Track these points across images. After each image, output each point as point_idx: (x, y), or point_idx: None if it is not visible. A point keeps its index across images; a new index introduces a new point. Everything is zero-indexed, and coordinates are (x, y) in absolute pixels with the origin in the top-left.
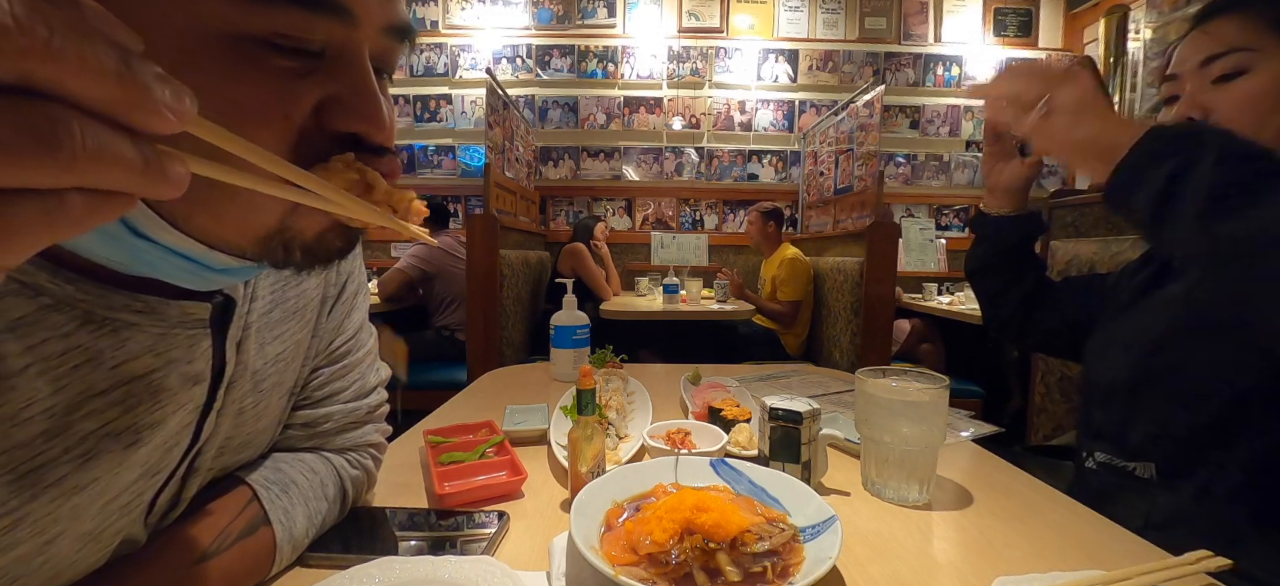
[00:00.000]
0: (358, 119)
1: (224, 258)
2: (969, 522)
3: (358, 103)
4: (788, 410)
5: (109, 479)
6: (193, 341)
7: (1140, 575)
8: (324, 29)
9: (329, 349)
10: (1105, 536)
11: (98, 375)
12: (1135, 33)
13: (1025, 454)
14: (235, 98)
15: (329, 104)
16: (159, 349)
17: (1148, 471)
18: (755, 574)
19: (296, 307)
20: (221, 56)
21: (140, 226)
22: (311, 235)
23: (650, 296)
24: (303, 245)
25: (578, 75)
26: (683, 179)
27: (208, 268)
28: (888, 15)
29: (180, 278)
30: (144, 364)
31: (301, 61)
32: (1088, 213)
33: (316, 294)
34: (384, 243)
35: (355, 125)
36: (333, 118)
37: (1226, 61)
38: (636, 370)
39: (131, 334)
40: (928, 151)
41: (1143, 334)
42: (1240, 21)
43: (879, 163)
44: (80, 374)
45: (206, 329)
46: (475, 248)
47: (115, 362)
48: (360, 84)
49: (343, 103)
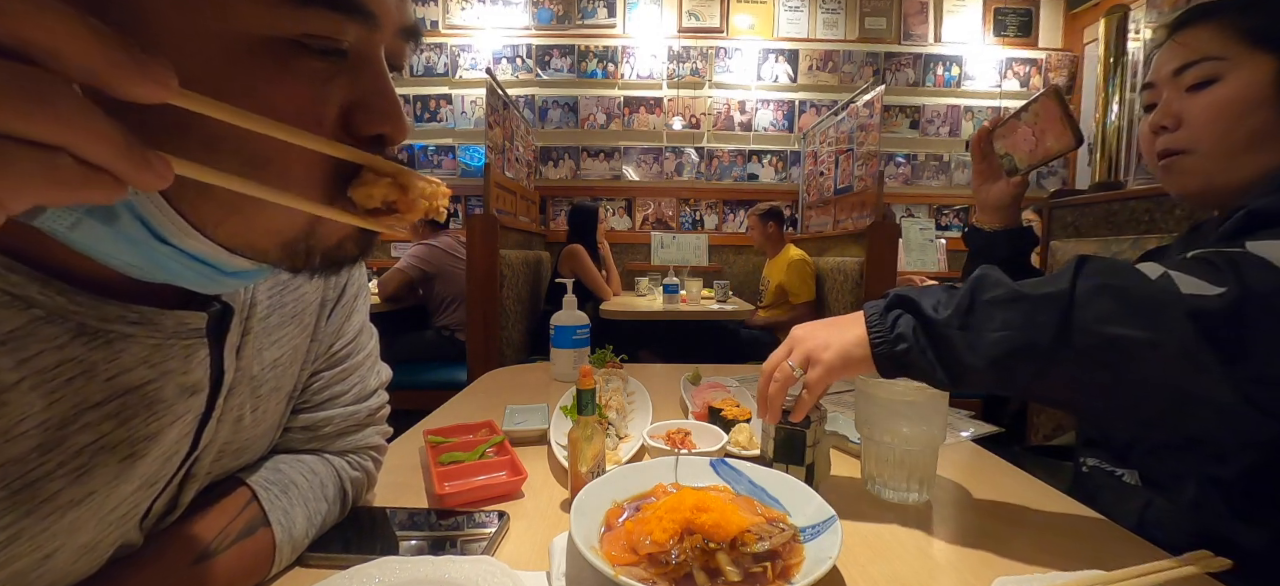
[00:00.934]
0: (384, 120)
1: (241, 261)
2: (969, 522)
3: (382, 105)
4: (791, 412)
5: (106, 492)
6: (189, 351)
7: (1140, 575)
8: (351, 31)
9: (329, 352)
10: (1105, 536)
11: (92, 388)
12: (1135, 33)
13: (1025, 454)
14: (271, 100)
15: (354, 108)
16: (154, 360)
17: (1133, 477)
18: (755, 574)
19: (295, 311)
20: (255, 59)
21: (164, 232)
22: (334, 241)
23: (650, 296)
24: (324, 250)
25: (578, 75)
26: (683, 179)
27: (220, 271)
28: (888, 15)
29: (191, 281)
30: (139, 375)
31: (328, 63)
32: (1087, 213)
33: (315, 298)
34: (384, 242)
35: (382, 127)
36: (358, 121)
37: (1198, 70)
38: (636, 370)
39: (126, 345)
40: (928, 151)
41: None
42: (1211, 31)
43: (879, 163)
44: (74, 387)
45: (203, 338)
46: (475, 248)
47: (110, 375)
48: (381, 85)
49: (367, 106)
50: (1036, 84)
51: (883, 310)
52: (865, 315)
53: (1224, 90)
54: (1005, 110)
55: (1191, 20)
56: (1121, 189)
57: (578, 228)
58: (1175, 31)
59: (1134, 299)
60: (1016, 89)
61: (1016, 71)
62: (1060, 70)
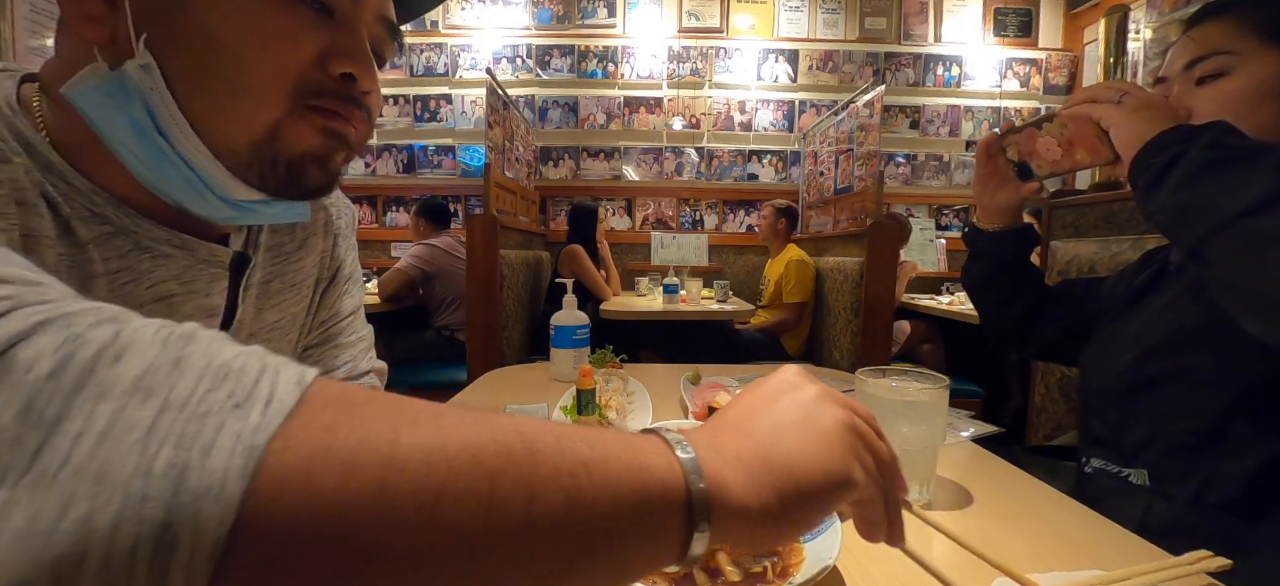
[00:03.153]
0: (351, 61)
1: (224, 176)
2: (969, 522)
3: (353, 50)
4: None
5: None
6: (213, 278)
7: (1140, 575)
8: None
9: (321, 326)
10: (1105, 536)
11: (139, 292)
12: (1135, 33)
13: (1025, 454)
14: (264, 20)
15: (331, 51)
16: (185, 278)
17: (1141, 478)
18: (755, 573)
19: (294, 281)
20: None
21: (164, 123)
22: (297, 152)
23: (650, 296)
24: (288, 161)
25: (578, 75)
26: (683, 179)
27: (210, 190)
28: (888, 15)
29: (185, 195)
30: (170, 288)
31: (315, 14)
32: (1088, 213)
33: (313, 273)
34: (384, 242)
35: (348, 66)
36: (332, 61)
37: (1208, 64)
38: (636, 370)
39: (166, 263)
40: (928, 151)
41: (1138, 340)
42: (1225, 26)
43: (879, 163)
44: (128, 289)
45: (225, 270)
46: (475, 248)
47: (150, 283)
48: (356, 39)
49: (342, 49)
50: (1036, 84)
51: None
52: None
53: (1233, 83)
54: (1006, 111)
55: (1207, 15)
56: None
57: (578, 228)
58: (1191, 26)
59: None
60: (1016, 89)
61: (1016, 71)
62: (1060, 70)
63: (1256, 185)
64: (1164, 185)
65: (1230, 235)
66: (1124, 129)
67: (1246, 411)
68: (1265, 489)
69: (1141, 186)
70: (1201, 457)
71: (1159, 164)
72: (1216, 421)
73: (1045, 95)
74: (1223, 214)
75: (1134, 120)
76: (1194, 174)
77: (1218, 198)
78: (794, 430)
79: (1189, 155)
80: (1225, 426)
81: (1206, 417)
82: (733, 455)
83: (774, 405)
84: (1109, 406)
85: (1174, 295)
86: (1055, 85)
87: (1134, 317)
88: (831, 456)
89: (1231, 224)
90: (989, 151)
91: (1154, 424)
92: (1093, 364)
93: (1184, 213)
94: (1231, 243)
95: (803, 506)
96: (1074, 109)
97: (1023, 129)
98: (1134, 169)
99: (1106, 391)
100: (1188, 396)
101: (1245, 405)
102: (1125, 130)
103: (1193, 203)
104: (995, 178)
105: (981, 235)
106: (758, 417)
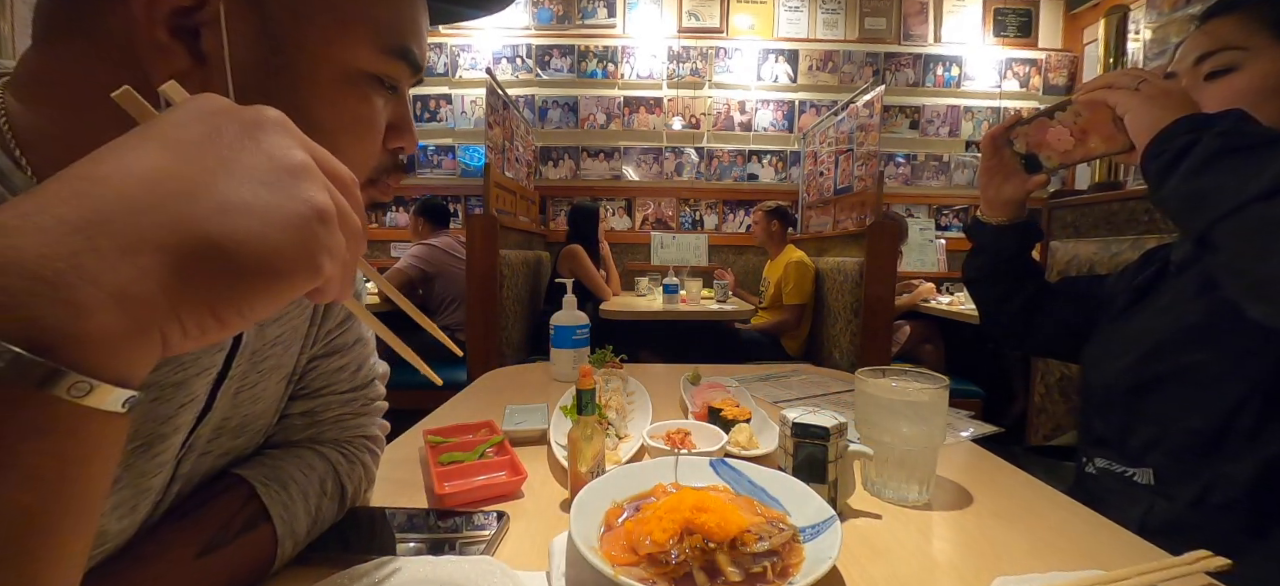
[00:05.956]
0: (403, 138)
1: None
2: (969, 522)
3: (405, 125)
4: (812, 425)
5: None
6: None
7: (1139, 575)
8: (407, 77)
9: (325, 338)
10: (1105, 536)
11: None
12: (1135, 33)
13: (1025, 454)
14: (360, 113)
15: (389, 128)
16: None
17: (1146, 477)
18: (755, 574)
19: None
20: (351, 84)
21: None
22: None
23: (650, 296)
24: None
25: (578, 75)
26: (683, 179)
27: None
28: (888, 15)
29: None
30: None
31: (387, 94)
32: (1088, 213)
33: None
34: (384, 243)
35: (402, 142)
36: (389, 137)
37: (1217, 59)
38: (636, 370)
39: None
40: (927, 151)
41: (1140, 339)
42: (1237, 22)
43: (879, 163)
44: None
45: None
46: (475, 248)
47: None
48: (407, 113)
49: (397, 127)
50: (1036, 84)
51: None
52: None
53: (1241, 78)
54: (1006, 111)
55: (1219, 10)
56: (1121, 189)
57: (577, 227)
58: (1203, 22)
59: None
60: (1016, 89)
61: (1016, 72)
62: (1060, 70)
63: (1270, 171)
64: (1176, 172)
65: (1241, 219)
66: (1139, 116)
67: (1252, 409)
68: (1268, 489)
69: (1154, 173)
70: (1207, 457)
71: (1172, 151)
72: (1222, 420)
73: (1045, 95)
74: (1235, 198)
75: (1150, 107)
76: (1207, 160)
77: (1230, 183)
78: (244, 216)
79: (1203, 142)
80: (1231, 424)
81: (1212, 416)
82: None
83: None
84: (1112, 406)
85: (1175, 294)
86: (1055, 85)
87: (1135, 317)
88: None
89: (1243, 208)
90: (995, 144)
91: (1160, 423)
92: (1094, 363)
93: (1196, 198)
94: (1241, 227)
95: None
96: (1091, 95)
97: (1033, 119)
98: (1147, 155)
99: (1109, 391)
100: (1193, 395)
101: (1251, 402)
102: (1141, 117)
103: (1205, 188)
104: (1001, 170)
105: (985, 229)
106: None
